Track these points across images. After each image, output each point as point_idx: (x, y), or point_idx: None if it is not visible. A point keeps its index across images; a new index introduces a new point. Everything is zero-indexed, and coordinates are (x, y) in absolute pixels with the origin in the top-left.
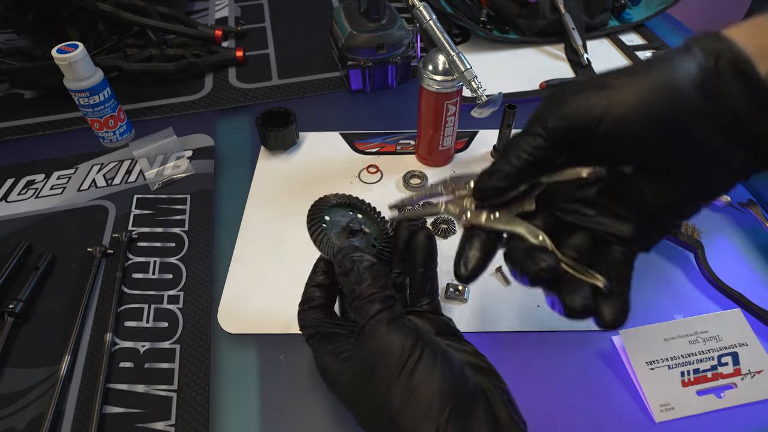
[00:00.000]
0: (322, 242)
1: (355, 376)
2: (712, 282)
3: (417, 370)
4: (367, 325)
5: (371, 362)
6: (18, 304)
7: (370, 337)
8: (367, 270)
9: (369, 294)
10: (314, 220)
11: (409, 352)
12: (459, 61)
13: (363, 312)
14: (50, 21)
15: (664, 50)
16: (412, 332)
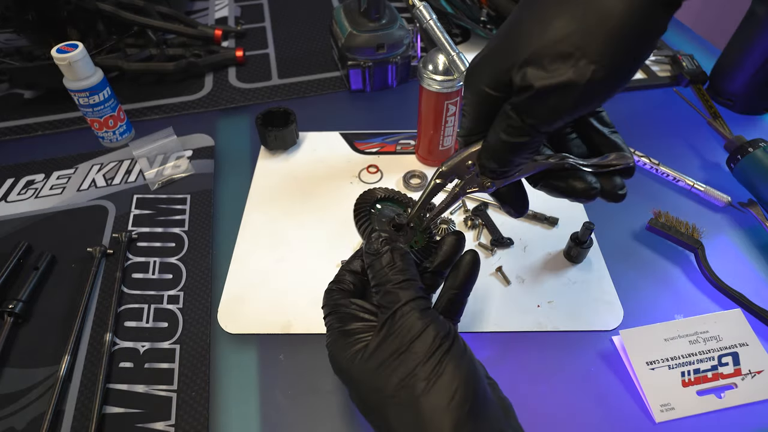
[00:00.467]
0: (366, 230)
1: (373, 357)
2: (713, 282)
3: (446, 360)
4: (400, 310)
5: (399, 345)
6: (18, 304)
7: (402, 320)
8: (400, 256)
9: (402, 280)
10: (362, 209)
11: (441, 340)
12: (459, 60)
13: (394, 297)
14: (50, 21)
15: None
16: (445, 323)
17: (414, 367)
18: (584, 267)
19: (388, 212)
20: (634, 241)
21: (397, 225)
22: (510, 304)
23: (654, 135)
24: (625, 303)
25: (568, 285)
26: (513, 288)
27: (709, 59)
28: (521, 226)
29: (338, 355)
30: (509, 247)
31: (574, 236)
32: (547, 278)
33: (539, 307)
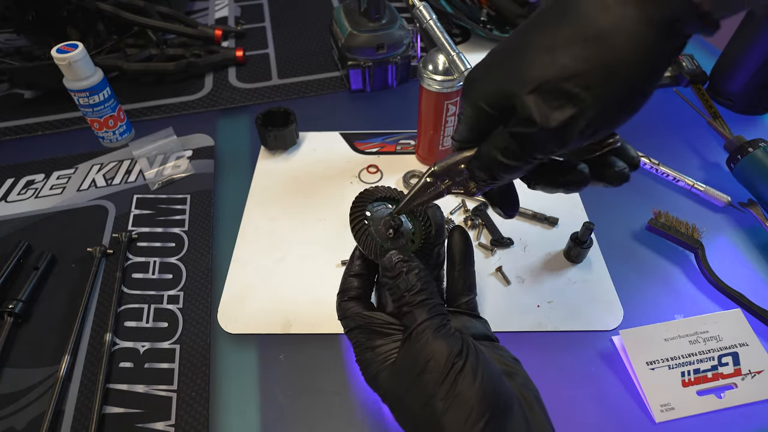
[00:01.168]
0: (366, 242)
1: (400, 377)
2: (713, 282)
3: (460, 379)
4: (415, 331)
5: (417, 366)
6: (18, 304)
7: (417, 342)
8: (417, 278)
9: (418, 301)
10: (357, 215)
11: (454, 359)
12: (459, 60)
13: (411, 318)
14: (50, 21)
15: None
16: (457, 341)
17: (432, 388)
18: (584, 267)
19: (384, 213)
20: (634, 241)
21: (395, 229)
22: (510, 304)
23: (654, 135)
24: (625, 303)
25: (568, 285)
26: (513, 288)
27: (709, 59)
28: (521, 226)
29: (369, 372)
30: (509, 247)
31: (574, 236)
32: (547, 278)
33: (539, 307)
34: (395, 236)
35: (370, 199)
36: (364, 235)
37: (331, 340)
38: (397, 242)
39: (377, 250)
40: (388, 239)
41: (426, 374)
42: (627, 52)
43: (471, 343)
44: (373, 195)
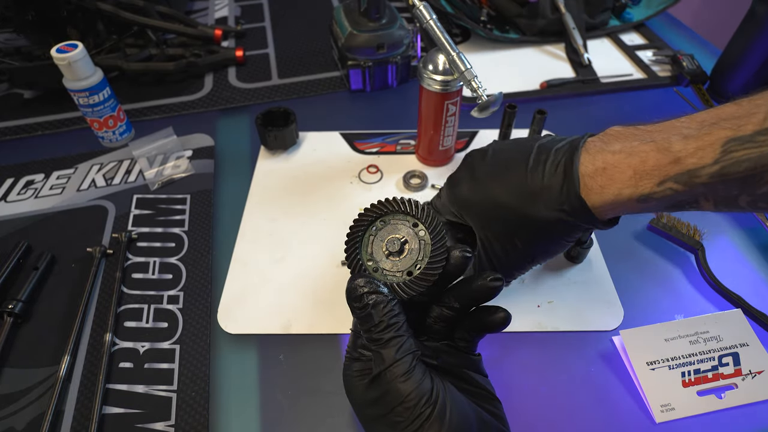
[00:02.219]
0: (350, 256)
1: (370, 407)
2: (712, 285)
3: (426, 426)
4: (383, 373)
5: (385, 407)
6: (17, 304)
7: (386, 383)
8: (383, 313)
9: (385, 340)
10: (356, 228)
11: (422, 408)
12: (459, 60)
13: (378, 358)
14: (50, 21)
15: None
16: (426, 385)
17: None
18: (584, 267)
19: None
20: (634, 241)
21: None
22: (510, 305)
23: None
24: (625, 303)
25: (568, 285)
26: (513, 288)
27: (709, 59)
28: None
29: (347, 381)
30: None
31: None
32: (547, 278)
33: (539, 307)
34: (392, 257)
35: (390, 209)
36: (352, 249)
37: (331, 340)
38: (390, 265)
39: (355, 269)
40: (386, 259)
41: (393, 416)
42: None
43: (443, 386)
44: (383, 208)
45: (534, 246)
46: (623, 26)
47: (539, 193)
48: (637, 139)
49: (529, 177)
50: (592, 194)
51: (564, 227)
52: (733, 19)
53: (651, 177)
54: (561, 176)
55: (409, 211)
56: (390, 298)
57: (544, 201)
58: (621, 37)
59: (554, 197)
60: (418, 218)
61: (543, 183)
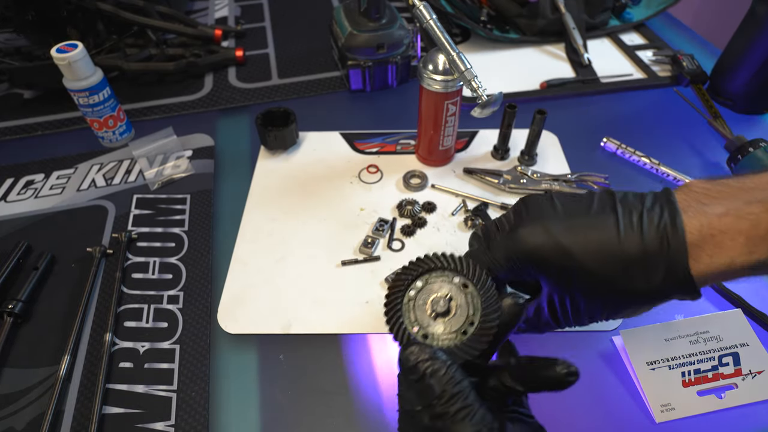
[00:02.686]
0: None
1: None
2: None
3: None
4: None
5: None
6: (17, 304)
7: None
8: (445, 382)
9: (453, 413)
10: (394, 293)
11: None
12: (459, 60)
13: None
14: (50, 21)
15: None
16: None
17: None
18: None
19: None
20: None
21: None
22: None
23: (654, 135)
24: None
25: None
26: None
27: (709, 59)
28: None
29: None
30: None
31: None
32: None
33: None
34: (440, 319)
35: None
36: (394, 318)
37: (331, 340)
38: (440, 328)
39: (402, 338)
40: (433, 322)
41: None
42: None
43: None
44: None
45: (615, 313)
46: (623, 26)
47: (637, 263)
48: (739, 200)
49: (624, 242)
50: (699, 265)
51: (658, 298)
52: (733, 19)
53: (766, 242)
54: (665, 245)
55: (447, 266)
56: (449, 363)
57: (644, 273)
58: (621, 37)
59: (656, 270)
60: (458, 272)
61: (642, 251)
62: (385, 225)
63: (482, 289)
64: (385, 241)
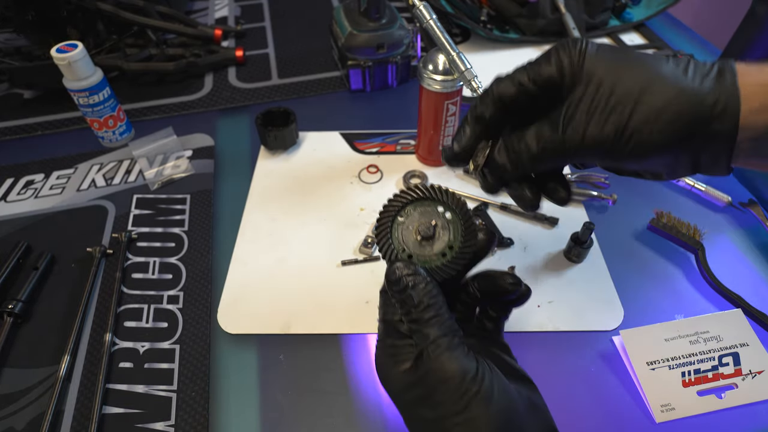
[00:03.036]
0: (383, 245)
1: (411, 390)
2: (712, 285)
3: (473, 404)
4: (426, 351)
5: (429, 387)
6: (17, 305)
7: (430, 362)
8: (423, 293)
9: (427, 318)
10: (384, 218)
11: (468, 384)
12: (459, 60)
13: (421, 336)
14: (50, 21)
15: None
16: (472, 362)
17: (443, 410)
18: (584, 267)
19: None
20: (634, 241)
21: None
22: None
23: None
24: (625, 303)
25: (568, 285)
26: None
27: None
28: (521, 226)
29: (381, 372)
30: (509, 247)
31: (574, 236)
32: (547, 278)
33: (539, 307)
34: (424, 243)
35: (407, 199)
36: (384, 238)
37: (331, 340)
38: (423, 250)
39: (390, 257)
40: (418, 245)
41: (438, 395)
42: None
43: (487, 366)
44: (410, 195)
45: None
46: (623, 26)
47: (684, 66)
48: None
49: (673, 60)
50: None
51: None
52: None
53: None
54: (710, 63)
55: (434, 197)
56: (428, 279)
57: (690, 71)
58: (621, 37)
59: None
60: (443, 202)
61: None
62: None
63: (463, 219)
64: None
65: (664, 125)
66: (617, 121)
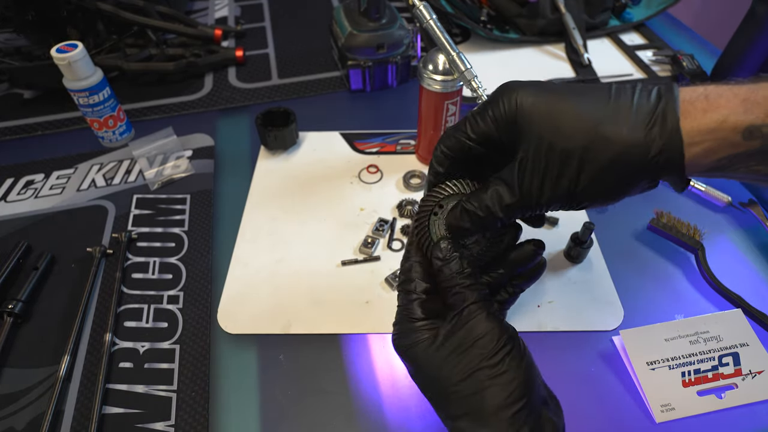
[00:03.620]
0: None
1: (442, 349)
2: (712, 285)
3: (507, 359)
4: (467, 309)
5: (467, 341)
6: (17, 305)
7: (470, 318)
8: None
9: (468, 284)
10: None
11: (504, 341)
12: (459, 60)
13: (461, 297)
14: (50, 21)
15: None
16: (508, 326)
17: (478, 362)
18: (584, 267)
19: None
20: (634, 241)
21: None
22: None
23: None
24: (625, 303)
25: (568, 285)
26: None
27: (709, 59)
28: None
29: (404, 340)
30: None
31: (574, 236)
32: (547, 278)
33: (539, 307)
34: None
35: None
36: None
37: (331, 340)
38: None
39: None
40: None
41: (476, 349)
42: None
43: (517, 334)
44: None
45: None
46: (623, 26)
47: (625, 111)
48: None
49: (614, 96)
50: (688, 119)
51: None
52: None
53: (762, 107)
54: (654, 97)
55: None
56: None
57: (630, 119)
58: (621, 37)
59: (643, 115)
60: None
61: (631, 102)
62: (385, 225)
63: None
64: (385, 241)
65: (613, 178)
66: (567, 182)
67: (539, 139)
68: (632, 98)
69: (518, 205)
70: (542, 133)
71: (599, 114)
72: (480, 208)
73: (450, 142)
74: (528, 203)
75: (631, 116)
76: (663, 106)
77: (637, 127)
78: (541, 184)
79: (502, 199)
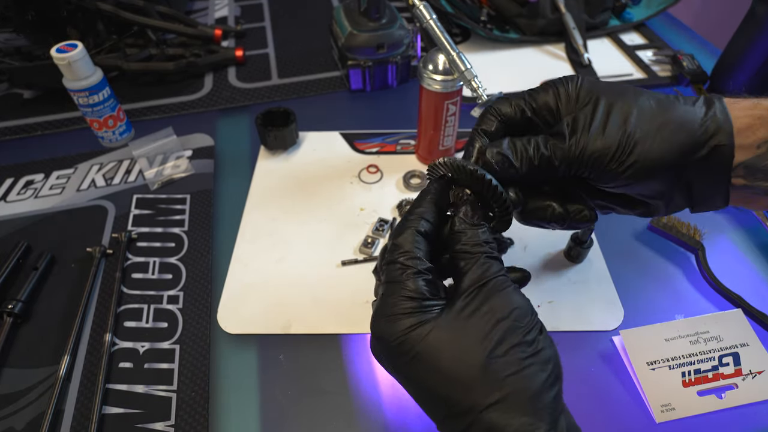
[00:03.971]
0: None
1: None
2: (713, 285)
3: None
4: (494, 280)
5: (498, 313)
6: (17, 305)
7: (499, 290)
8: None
9: (495, 256)
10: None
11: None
12: (459, 60)
13: (488, 266)
14: (50, 21)
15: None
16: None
17: (516, 338)
18: (584, 267)
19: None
20: (635, 241)
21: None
22: None
23: None
24: (625, 303)
25: (568, 285)
26: None
27: (709, 59)
28: (521, 226)
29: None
30: (509, 247)
31: (574, 236)
32: (547, 278)
33: (539, 307)
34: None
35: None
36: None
37: (331, 340)
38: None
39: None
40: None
41: (509, 321)
42: None
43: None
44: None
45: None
46: (623, 26)
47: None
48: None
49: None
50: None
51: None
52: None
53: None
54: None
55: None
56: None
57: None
58: (621, 37)
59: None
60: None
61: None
62: (385, 225)
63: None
64: (385, 241)
65: (665, 138)
66: (619, 132)
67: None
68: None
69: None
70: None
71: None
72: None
73: (504, 105)
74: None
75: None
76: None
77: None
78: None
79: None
